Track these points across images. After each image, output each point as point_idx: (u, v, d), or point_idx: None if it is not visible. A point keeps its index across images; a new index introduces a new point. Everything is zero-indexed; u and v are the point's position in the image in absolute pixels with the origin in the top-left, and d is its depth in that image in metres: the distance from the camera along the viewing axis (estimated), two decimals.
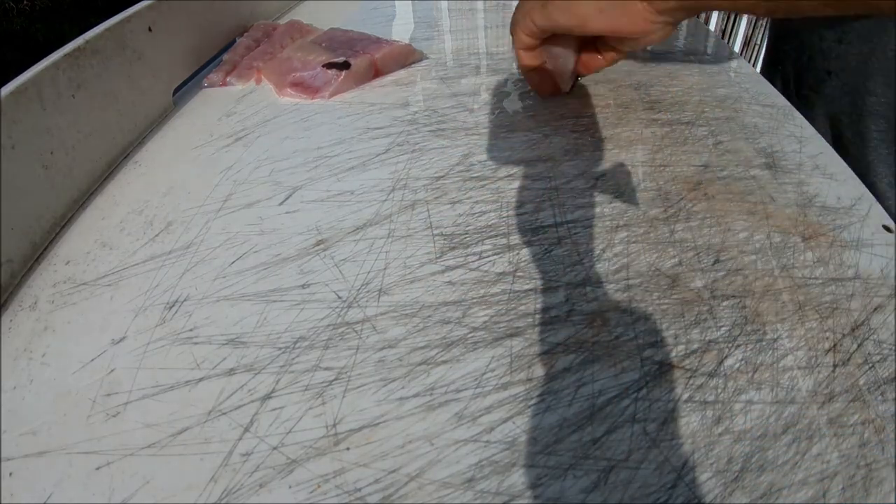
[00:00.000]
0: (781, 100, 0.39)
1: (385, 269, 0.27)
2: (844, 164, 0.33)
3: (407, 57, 0.47)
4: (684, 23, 0.53)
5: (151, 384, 0.23)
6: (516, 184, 0.32)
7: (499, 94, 0.42)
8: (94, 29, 0.36)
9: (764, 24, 1.60)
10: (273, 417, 0.21)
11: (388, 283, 0.26)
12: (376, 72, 0.45)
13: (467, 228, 0.29)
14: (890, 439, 0.20)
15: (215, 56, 0.49)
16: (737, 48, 1.59)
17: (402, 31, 0.54)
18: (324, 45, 0.47)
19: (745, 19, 1.61)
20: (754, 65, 1.57)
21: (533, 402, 0.21)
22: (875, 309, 0.24)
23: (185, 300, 0.26)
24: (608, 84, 0.42)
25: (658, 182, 0.32)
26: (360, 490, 0.19)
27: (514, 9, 0.37)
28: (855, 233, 0.28)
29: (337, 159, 0.35)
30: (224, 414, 0.21)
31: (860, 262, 0.26)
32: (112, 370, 0.23)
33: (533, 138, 0.36)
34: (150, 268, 0.28)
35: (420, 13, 0.58)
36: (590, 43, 0.38)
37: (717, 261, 0.27)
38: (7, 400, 0.23)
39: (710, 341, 0.23)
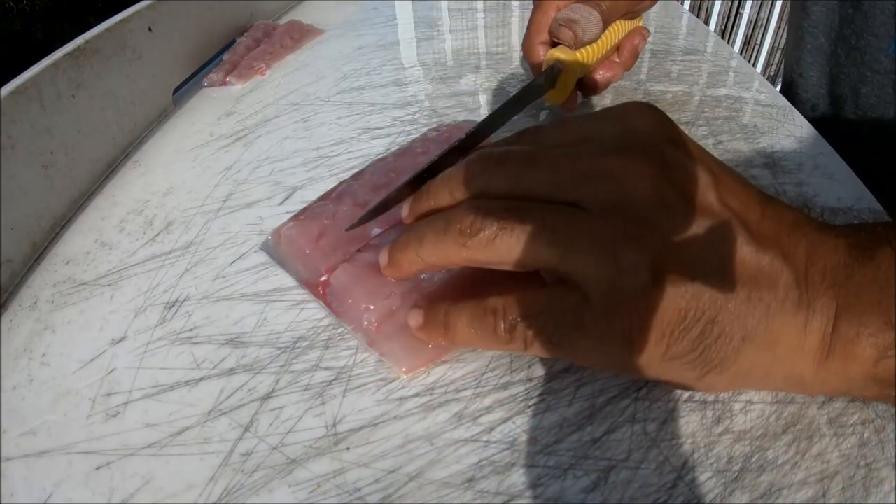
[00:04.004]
0: (781, 100, 0.39)
1: None
2: (844, 164, 0.33)
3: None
4: (684, 22, 0.53)
5: (151, 384, 0.23)
6: None
7: (499, 94, 0.42)
8: (94, 29, 0.36)
9: (763, 25, 1.60)
10: (273, 417, 0.21)
11: None
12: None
13: None
14: (890, 439, 0.20)
15: (215, 56, 0.49)
16: (737, 48, 1.59)
17: (402, 30, 0.54)
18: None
19: (744, 19, 1.61)
20: (754, 65, 1.57)
21: (533, 402, 0.21)
22: None
23: (185, 300, 0.26)
24: None
25: None
26: (360, 490, 0.19)
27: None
28: None
29: (337, 159, 0.35)
30: (224, 414, 0.21)
31: None
32: (112, 370, 0.23)
33: None
34: (150, 268, 0.28)
35: (420, 13, 0.58)
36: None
37: None
38: (7, 400, 0.23)
39: None
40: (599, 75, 0.36)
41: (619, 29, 0.36)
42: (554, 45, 0.34)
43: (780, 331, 0.18)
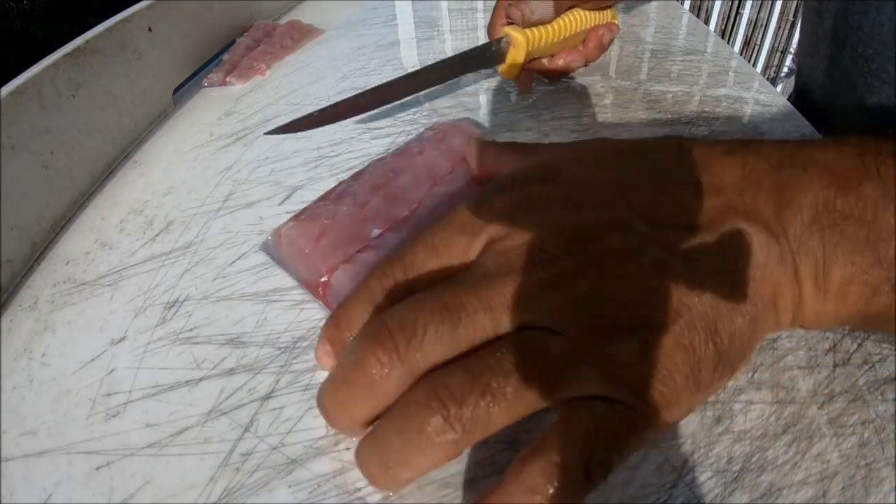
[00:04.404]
0: (781, 100, 0.39)
1: None
2: None
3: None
4: (684, 22, 0.53)
5: (151, 384, 0.23)
6: None
7: (498, 93, 0.42)
8: (94, 29, 0.36)
9: (763, 25, 1.60)
10: (273, 417, 0.21)
11: None
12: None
13: None
14: (890, 439, 0.20)
15: (215, 56, 0.49)
16: (737, 48, 1.59)
17: (402, 30, 0.54)
18: None
19: (744, 20, 1.61)
20: (754, 65, 1.57)
21: None
22: None
23: (185, 300, 0.26)
24: (608, 83, 0.42)
25: None
26: (359, 490, 0.19)
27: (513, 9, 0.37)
28: None
29: (337, 159, 0.35)
30: (224, 414, 0.21)
31: None
32: (112, 370, 0.23)
33: (533, 138, 0.36)
34: (150, 268, 0.28)
35: (420, 13, 0.58)
36: None
37: None
38: (7, 400, 0.23)
39: None
40: (558, 60, 0.38)
41: (584, 18, 0.37)
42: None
43: (774, 288, 0.18)
